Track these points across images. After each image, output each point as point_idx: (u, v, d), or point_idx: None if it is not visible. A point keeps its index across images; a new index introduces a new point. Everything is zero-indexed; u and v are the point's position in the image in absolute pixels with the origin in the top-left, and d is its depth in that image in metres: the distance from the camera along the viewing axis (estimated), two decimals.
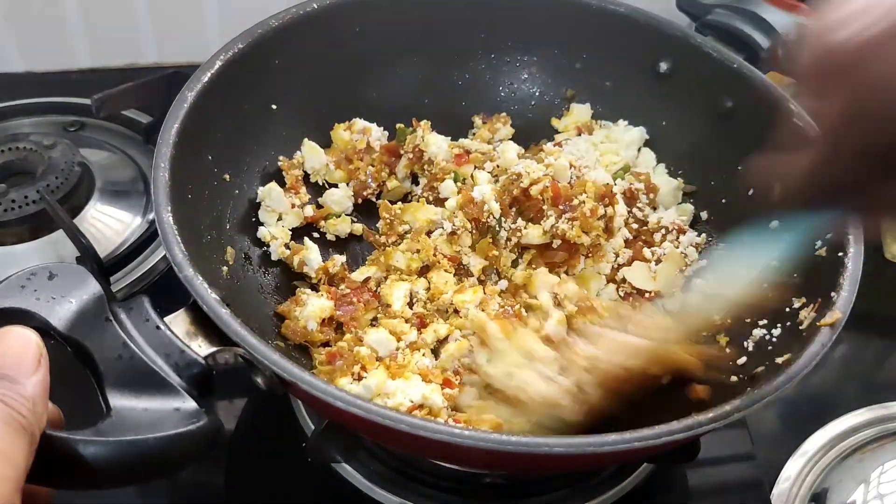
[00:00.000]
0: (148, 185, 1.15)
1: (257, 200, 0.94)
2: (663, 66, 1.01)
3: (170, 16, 1.34)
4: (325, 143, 1.02)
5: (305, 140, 1.00)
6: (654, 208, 1.00)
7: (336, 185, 1.02)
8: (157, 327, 0.59)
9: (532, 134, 1.10)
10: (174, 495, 0.89)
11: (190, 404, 0.55)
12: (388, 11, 1.01)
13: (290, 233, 0.95)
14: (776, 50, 0.94)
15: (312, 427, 0.90)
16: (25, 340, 0.52)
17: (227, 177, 0.89)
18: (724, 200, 0.98)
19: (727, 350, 0.85)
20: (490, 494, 0.89)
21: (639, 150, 1.06)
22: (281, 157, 0.98)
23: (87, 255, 0.96)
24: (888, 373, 1.09)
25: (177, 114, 0.79)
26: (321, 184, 1.02)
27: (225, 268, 0.84)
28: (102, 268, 0.98)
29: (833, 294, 0.74)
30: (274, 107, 0.96)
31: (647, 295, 0.93)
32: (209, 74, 0.84)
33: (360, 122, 1.03)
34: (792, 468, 0.96)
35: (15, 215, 1.03)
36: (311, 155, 1.00)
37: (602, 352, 0.77)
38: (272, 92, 0.95)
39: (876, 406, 1.01)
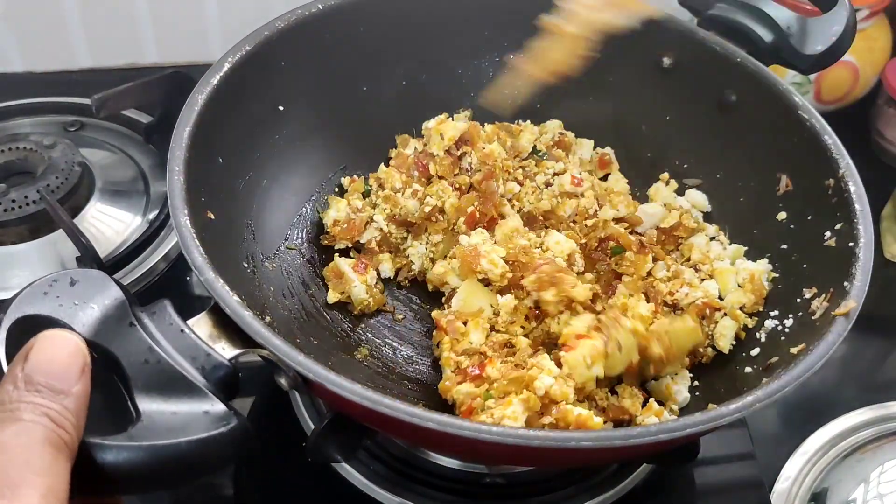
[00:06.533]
0: (148, 184, 1.15)
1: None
2: (666, 61, 1.02)
3: (170, 16, 1.33)
4: (330, 143, 1.03)
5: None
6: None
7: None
8: (181, 331, 0.59)
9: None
10: (174, 495, 0.89)
11: (219, 407, 0.55)
12: (392, 11, 1.01)
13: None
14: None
15: (312, 426, 0.90)
16: (73, 346, 0.51)
17: (237, 178, 0.89)
18: (729, 193, 0.99)
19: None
20: (490, 494, 0.90)
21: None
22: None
23: (87, 255, 0.97)
24: (888, 373, 1.10)
25: (188, 117, 0.78)
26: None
27: (245, 264, 0.85)
28: (103, 268, 0.97)
29: (846, 283, 0.75)
30: (281, 108, 0.95)
31: None
32: (218, 77, 0.84)
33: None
34: (792, 468, 0.97)
35: (15, 215, 1.03)
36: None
37: None
38: (279, 93, 0.95)
39: (876, 406, 1.02)
